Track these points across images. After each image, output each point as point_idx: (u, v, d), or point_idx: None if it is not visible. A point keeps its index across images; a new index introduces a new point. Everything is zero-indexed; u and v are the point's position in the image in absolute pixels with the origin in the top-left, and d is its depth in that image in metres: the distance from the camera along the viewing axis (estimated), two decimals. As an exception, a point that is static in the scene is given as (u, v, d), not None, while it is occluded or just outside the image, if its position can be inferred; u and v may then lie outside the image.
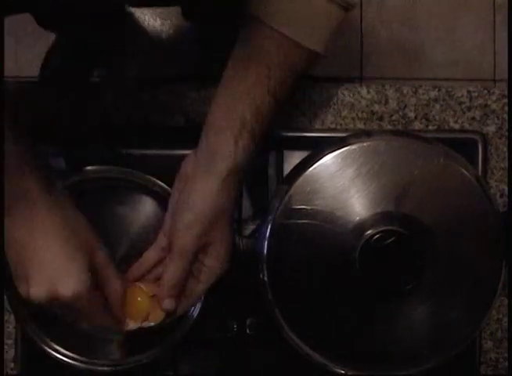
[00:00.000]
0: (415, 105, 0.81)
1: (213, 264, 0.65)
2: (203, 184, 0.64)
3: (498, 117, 0.81)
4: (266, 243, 0.67)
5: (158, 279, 0.66)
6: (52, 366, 0.71)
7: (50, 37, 1.08)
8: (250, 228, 0.75)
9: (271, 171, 0.77)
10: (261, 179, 0.78)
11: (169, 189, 0.69)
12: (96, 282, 0.62)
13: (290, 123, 0.80)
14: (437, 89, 0.81)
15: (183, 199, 0.65)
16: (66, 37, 1.10)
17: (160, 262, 0.68)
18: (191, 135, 0.76)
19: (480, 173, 0.78)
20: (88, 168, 0.70)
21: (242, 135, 0.62)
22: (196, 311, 0.69)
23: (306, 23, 0.62)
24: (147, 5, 1.02)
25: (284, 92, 0.64)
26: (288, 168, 0.74)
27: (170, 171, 0.69)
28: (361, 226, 0.66)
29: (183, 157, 0.68)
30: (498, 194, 0.81)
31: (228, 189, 0.64)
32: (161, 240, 0.67)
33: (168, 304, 0.64)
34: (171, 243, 0.64)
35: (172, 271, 0.64)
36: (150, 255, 0.68)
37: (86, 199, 0.71)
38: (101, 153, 0.71)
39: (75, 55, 1.11)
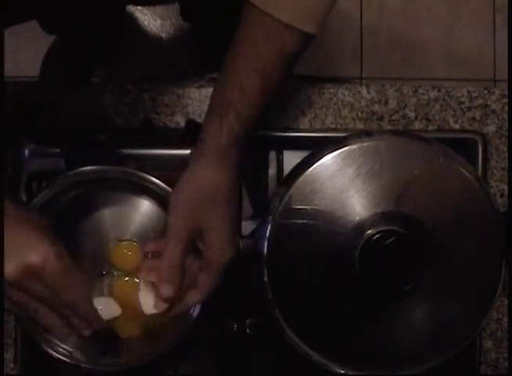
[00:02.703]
0: (415, 105, 0.81)
1: (211, 253, 0.64)
2: (192, 165, 0.64)
3: (498, 117, 0.81)
4: (266, 243, 0.68)
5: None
6: (52, 366, 0.71)
7: (50, 37, 1.08)
8: (250, 228, 0.74)
9: (271, 171, 0.77)
10: (261, 179, 0.78)
11: (169, 189, 0.69)
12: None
13: (290, 123, 0.80)
14: (437, 89, 0.81)
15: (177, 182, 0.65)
16: (67, 37, 1.10)
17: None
18: (191, 135, 0.76)
19: (480, 173, 0.78)
20: (88, 168, 0.70)
21: (228, 115, 0.62)
22: (196, 311, 0.69)
23: (295, 4, 0.60)
24: (145, 3, 1.02)
25: (275, 74, 0.62)
26: (288, 168, 0.74)
27: (170, 171, 0.69)
28: (361, 226, 0.66)
29: (183, 157, 0.68)
30: (498, 194, 0.81)
31: (217, 171, 0.63)
32: None
33: (165, 289, 0.63)
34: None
35: (167, 254, 0.63)
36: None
37: (86, 199, 0.71)
38: (101, 153, 0.71)
39: (75, 55, 1.11)
